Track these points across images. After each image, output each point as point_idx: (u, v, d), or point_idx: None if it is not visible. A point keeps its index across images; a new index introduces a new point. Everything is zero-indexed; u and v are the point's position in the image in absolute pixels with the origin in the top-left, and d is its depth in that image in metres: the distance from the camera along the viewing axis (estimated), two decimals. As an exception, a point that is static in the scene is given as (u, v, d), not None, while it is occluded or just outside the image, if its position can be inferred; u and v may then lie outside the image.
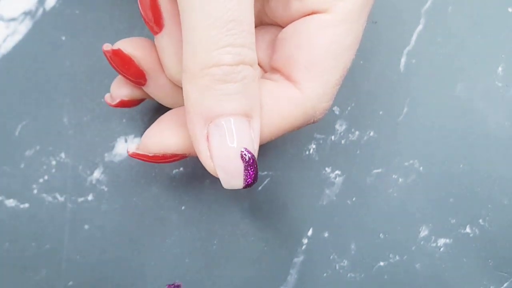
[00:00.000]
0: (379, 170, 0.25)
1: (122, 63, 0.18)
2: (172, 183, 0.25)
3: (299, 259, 0.25)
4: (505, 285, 0.25)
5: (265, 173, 0.25)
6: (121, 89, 0.20)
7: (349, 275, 0.25)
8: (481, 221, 0.25)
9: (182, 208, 0.25)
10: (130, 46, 0.18)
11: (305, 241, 0.25)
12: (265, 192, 0.25)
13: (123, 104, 0.20)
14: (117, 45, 0.18)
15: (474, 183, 0.25)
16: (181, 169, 0.25)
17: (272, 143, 0.25)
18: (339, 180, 0.25)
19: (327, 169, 0.25)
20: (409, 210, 0.25)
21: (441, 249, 0.25)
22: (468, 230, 0.25)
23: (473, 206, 0.25)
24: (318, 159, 0.25)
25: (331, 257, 0.25)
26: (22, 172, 0.25)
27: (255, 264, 0.25)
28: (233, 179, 0.17)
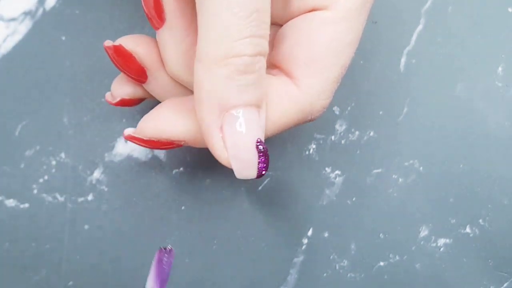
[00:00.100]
0: (379, 170, 0.25)
1: (123, 59, 0.18)
2: (172, 183, 0.25)
3: (299, 259, 0.25)
4: (505, 285, 0.25)
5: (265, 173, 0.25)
6: (122, 87, 0.20)
7: (349, 275, 0.25)
8: (481, 221, 0.25)
9: (182, 208, 0.25)
10: (132, 42, 0.18)
11: (305, 241, 0.25)
12: (265, 192, 0.25)
13: (123, 103, 0.20)
14: (118, 42, 0.18)
15: (474, 183, 0.25)
16: (181, 169, 0.25)
17: (272, 143, 0.25)
18: (339, 180, 0.25)
19: (327, 169, 0.25)
20: (409, 210, 0.25)
21: (441, 249, 0.25)
22: (468, 230, 0.25)
23: (473, 206, 0.25)
24: (318, 159, 0.25)
25: (331, 257, 0.25)
26: (22, 172, 0.25)
27: (255, 264, 0.25)
28: (247, 169, 0.17)
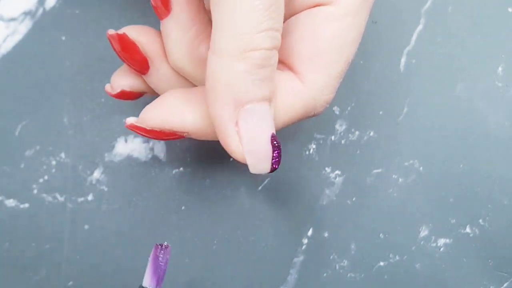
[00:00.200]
0: (379, 170, 0.25)
1: (126, 48, 0.18)
2: (172, 183, 0.25)
3: (299, 259, 0.25)
4: (505, 285, 0.25)
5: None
6: (122, 79, 0.20)
7: (349, 275, 0.25)
8: (481, 221, 0.25)
9: (182, 208, 0.25)
10: (135, 32, 0.18)
11: (305, 241, 0.25)
12: (265, 192, 0.25)
13: (123, 95, 0.20)
14: (122, 30, 0.18)
15: (474, 183, 0.25)
16: (181, 169, 0.25)
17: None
18: (339, 180, 0.25)
19: (327, 169, 0.25)
20: (409, 210, 0.25)
21: (441, 249, 0.25)
22: (468, 230, 0.25)
23: (473, 206, 0.25)
24: (318, 159, 0.25)
25: (331, 257, 0.25)
26: (22, 172, 0.25)
27: (255, 264, 0.25)
28: (261, 163, 0.17)
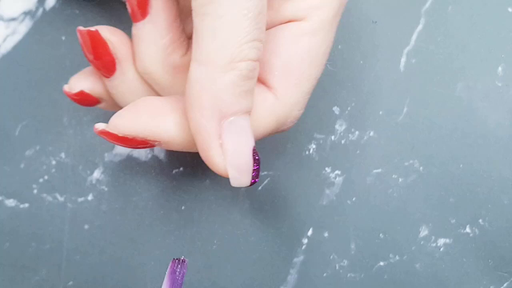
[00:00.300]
0: (379, 170, 0.25)
1: (96, 46, 0.18)
2: (172, 183, 0.25)
3: (299, 259, 0.25)
4: (505, 285, 0.25)
5: (265, 173, 0.25)
6: (83, 80, 0.19)
7: (349, 275, 0.25)
8: (481, 221, 0.25)
9: (182, 208, 0.25)
10: (107, 31, 0.18)
11: (305, 241, 0.25)
12: (265, 192, 0.25)
13: (82, 96, 0.19)
14: (94, 28, 0.18)
15: (474, 183, 0.25)
16: (181, 169, 0.25)
17: (272, 143, 0.25)
18: (339, 180, 0.25)
19: (327, 169, 0.25)
20: (409, 210, 0.25)
21: (441, 249, 0.25)
22: (468, 230, 0.25)
23: (473, 206, 0.25)
24: (318, 159, 0.25)
25: (331, 257, 0.25)
26: (22, 172, 0.25)
27: (255, 264, 0.25)
28: (243, 177, 0.17)
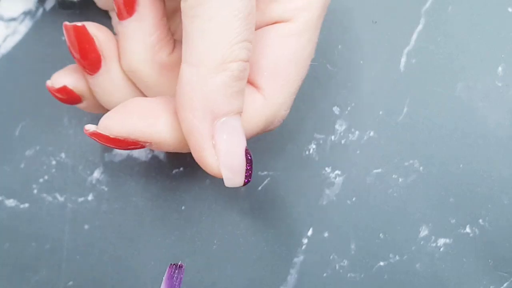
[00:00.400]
0: (379, 170, 0.25)
1: (82, 42, 0.17)
2: (172, 183, 0.25)
3: (299, 259, 0.25)
4: (505, 285, 0.25)
5: (265, 173, 0.25)
6: (66, 76, 0.19)
7: (349, 275, 0.25)
8: (481, 221, 0.25)
9: (182, 208, 0.25)
10: (93, 27, 0.18)
11: (305, 241, 0.25)
12: (265, 192, 0.25)
13: (64, 92, 0.19)
14: (81, 23, 0.18)
15: (474, 183, 0.25)
16: (181, 169, 0.25)
17: (272, 143, 0.25)
18: (339, 180, 0.25)
19: (327, 169, 0.25)
20: (409, 210, 0.25)
21: (441, 249, 0.25)
22: (468, 230, 0.25)
23: (473, 206, 0.25)
24: (318, 159, 0.25)
25: (331, 257, 0.25)
26: (22, 172, 0.25)
27: (255, 264, 0.25)
28: (236, 177, 0.17)
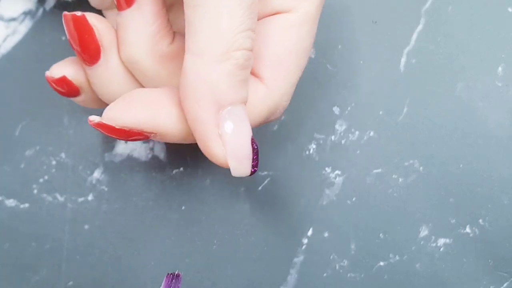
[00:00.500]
0: (379, 170, 0.25)
1: (82, 32, 0.17)
2: (172, 183, 0.25)
3: (299, 259, 0.25)
4: (505, 285, 0.25)
5: (265, 173, 0.25)
6: (65, 67, 0.19)
7: (349, 275, 0.25)
8: (481, 221, 0.25)
9: (182, 208, 0.25)
10: (93, 17, 0.18)
11: (305, 241, 0.25)
12: (265, 192, 0.25)
13: (63, 82, 0.19)
14: (80, 13, 0.17)
15: (474, 183, 0.25)
16: (181, 169, 0.25)
17: (272, 143, 0.25)
18: (339, 180, 0.25)
19: (327, 169, 0.25)
20: (409, 210, 0.25)
21: (441, 249, 0.25)
22: (468, 230, 0.25)
23: (473, 206, 0.25)
24: (318, 159, 0.25)
25: (331, 257, 0.25)
26: (22, 172, 0.25)
27: (255, 264, 0.25)
28: (243, 166, 0.17)
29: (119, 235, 0.25)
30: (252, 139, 0.17)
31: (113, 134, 0.17)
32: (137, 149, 0.25)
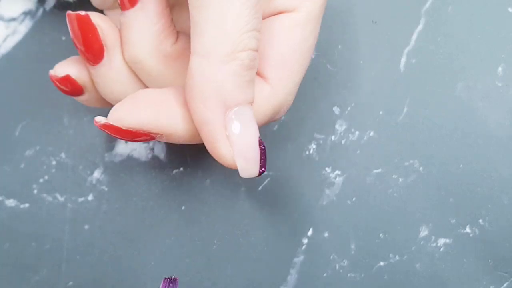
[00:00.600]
0: (379, 170, 0.25)
1: (86, 31, 0.17)
2: (172, 183, 0.25)
3: (299, 259, 0.25)
4: (505, 285, 0.25)
5: (265, 173, 0.25)
6: (69, 66, 0.19)
7: (349, 275, 0.25)
8: (481, 221, 0.25)
9: (182, 208, 0.25)
10: (98, 16, 0.18)
11: (305, 241, 0.25)
12: (265, 192, 0.25)
13: (67, 81, 0.19)
14: (84, 12, 0.17)
15: (474, 183, 0.25)
16: (181, 169, 0.25)
17: (272, 143, 0.25)
18: (339, 180, 0.25)
19: (327, 169, 0.25)
20: (409, 210, 0.25)
21: (441, 249, 0.25)
22: (468, 230, 0.25)
23: (473, 206, 0.25)
24: (318, 159, 0.25)
25: (331, 257, 0.25)
26: (22, 172, 0.25)
27: (255, 264, 0.25)
28: (251, 167, 0.17)
29: (119, 235, 0.25)
30: (260, 139, 0.17)
31: (119, 135, 0.17)
32: (137, 149, 0.25)
